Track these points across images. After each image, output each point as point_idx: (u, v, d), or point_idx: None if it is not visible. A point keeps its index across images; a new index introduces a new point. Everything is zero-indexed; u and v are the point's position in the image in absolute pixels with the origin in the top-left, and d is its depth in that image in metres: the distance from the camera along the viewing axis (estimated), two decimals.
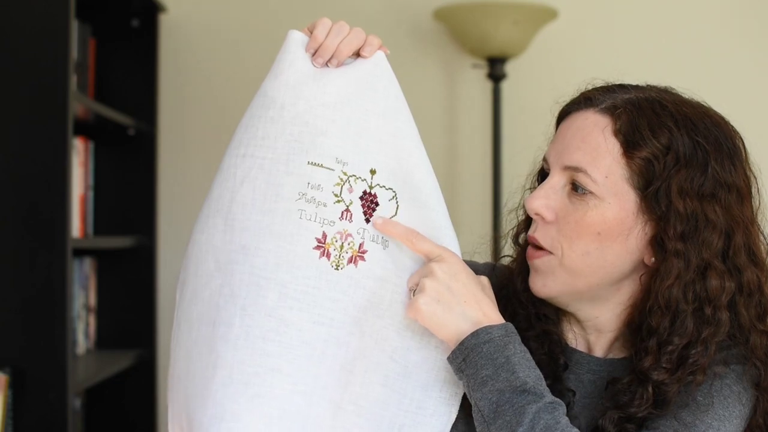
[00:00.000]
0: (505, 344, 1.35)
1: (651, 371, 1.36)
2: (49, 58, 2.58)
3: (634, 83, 1.45)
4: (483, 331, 1.35)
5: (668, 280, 1.37)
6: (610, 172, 1.38)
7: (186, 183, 3.58)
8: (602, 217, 1.38)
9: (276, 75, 1.43)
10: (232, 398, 1.36)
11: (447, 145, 3.56)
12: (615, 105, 1.40)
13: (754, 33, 3.52)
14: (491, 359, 1.34)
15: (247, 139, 1.42)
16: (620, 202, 1.38)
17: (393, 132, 1.43)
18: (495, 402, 1.32)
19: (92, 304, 3.32)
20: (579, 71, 3.39)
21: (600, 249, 1.39)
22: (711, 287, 1.37)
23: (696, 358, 1.36)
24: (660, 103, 1.40)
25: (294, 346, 1.38)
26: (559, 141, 1.42)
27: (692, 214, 1.37)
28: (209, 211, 1.43)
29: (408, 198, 1.42)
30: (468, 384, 1.35)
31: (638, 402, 1.37)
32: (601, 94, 1.42)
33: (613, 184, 1.38)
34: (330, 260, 1.39)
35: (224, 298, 1.39)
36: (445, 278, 1.37)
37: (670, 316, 1.37)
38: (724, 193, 1.38)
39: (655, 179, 1.37)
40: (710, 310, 1.37)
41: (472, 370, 1.34)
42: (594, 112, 1.40)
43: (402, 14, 3.56)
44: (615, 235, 1.38)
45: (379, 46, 1.43)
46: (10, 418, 2.53)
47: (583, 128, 1.40)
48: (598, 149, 1.38)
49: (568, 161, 1.40)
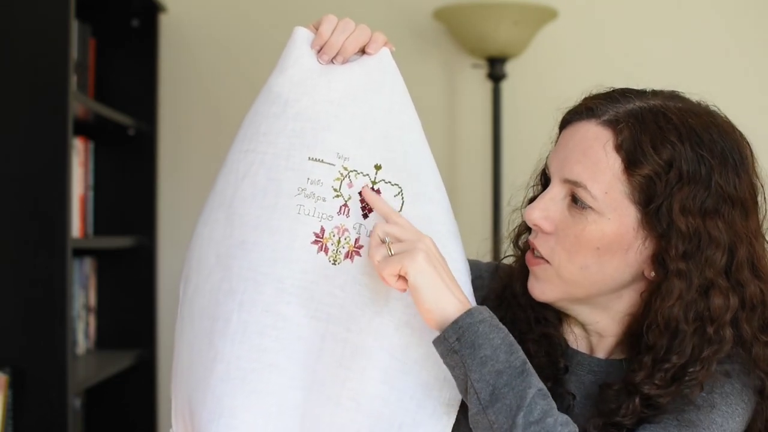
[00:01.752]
0: (496, 324, 1.34)
1: (642, 385, 1.35)
2: (49, 58, 2.57)
3: (638, 89, 1.42)
4: (476, 311, 1.33)
5: (669, 300, 1.34)
6: (610, 188, 1.35)
7: (186, 183, 3.58)
8: (601, 233, 1.36)
9: (281, 71, 1.43)
10: (231, 394, 1.36)
11: (447, 145, 3.56)
12: (617, 118, 1.36)
13: (754, 32, 3.52)
14: (488, 339, 1.32)
15: (250, 134, 1.42)
16: (620, 218, 1.36)
17: (399, 127, 1.43)
18: (493, 384, 1.31)
19: (92, 304, 3.31)
20: (579, 71, 3.45)
21: (599, 263, 1.37)
22: (713, 306, 1.35)
23: (694, 376, 1.34)
24: (664, 114, 1.36)
25: (291, 342, 1.38)
26: (560, 151, 1.40)
27: (695, 232, 1.34)
28: (213, 204, 1.43)
29: (414, 193, 1.42)
30: (463, 364, 1.32)
31: (623, 412, 1.35)
32: (603, 103, 1.39)
33: (612, 200, 1.35)
34: (328, 255, 1.39)
35: (223, 292, 1.39)
36: (432, 259, 1.35)
37: (669, 335, 1.35)
38: (727, 208, 1.35)
39: (657, 197, 1.34)
40: (712, 329, 1.35)
41: (469, 350, 1.32)
42: (596, 124, 1.37)
43: (402, 14, 3.55)
44: (614, 249, 1.37)
45: (385, 43, 1.44)
46: (10, 418, 2.53)
47: (584, 141, 1.37)
48: (598, 164, 1.35)
49: (568, 174, 1.37)
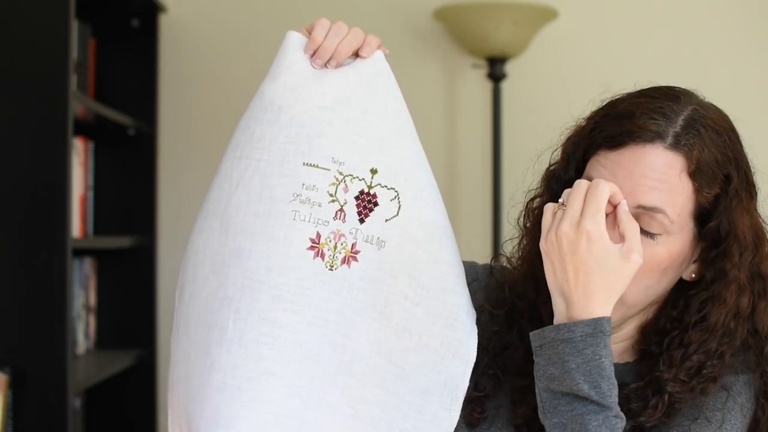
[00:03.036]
0: (586, 346, 1.31)
1: (669, 382, 1.36)
2: (49, 58, 2.57)
3: (666, 89, 1.41)
4: (565, 327, 1.32)
5: (723, 306, 1.37)
6: (682, 209, 1.37)
7: (186, 183, 3.57)
8: (669, 253, 1.37)
9: (274, 77, 1.42)
10: (227, 403, 1.35)
11: (447, 145, 3.56)
12: (681, 141, 1.36)
13: (754, 32, 3.51)
14: (562, 360, 1.31)
15: (243, 141, 1.41)
16: (683, 235, 1.37)
17: (394, 131, 1.42)
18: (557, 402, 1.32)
19: (92, 304, 3.31)
20: (579, 71, 3.45)
21: (659, 281, 1.38)
22: (742, 304, 1.38)
23: (711, 370, 1.36)
24: (714, 129, 1.38)
25: (288, 349, 1.36)
26: (626, 177, 1.36)
27: (746, 240, 1.37)
28: (207, 213, 1.42)
29: (410, 197, 1.41)
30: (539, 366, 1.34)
31: (650, 411, 1.36)
32: (658, 122, 1.36)
33: (682, 220, 1.37)
34: (324, 261, 1.38)
35: (219, 301, 1.38)
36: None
37: (708, 334, 1.37)
38: (754, 203, 1.40)
39: (720, 211, 1.37)
40: (734, 324, 1.38)
41: (545, 362, 1.33)
42: (664, 149, 1.35)
43: (402, 14, 3.55)
44: (677, 266, 1.38)
45: (378, 46, 1.42)
46: (10, 418, 2.53)
47: (656, 168, 1.35)
48: (674, 190, 1.36)
49: (645, 201, 1.35)
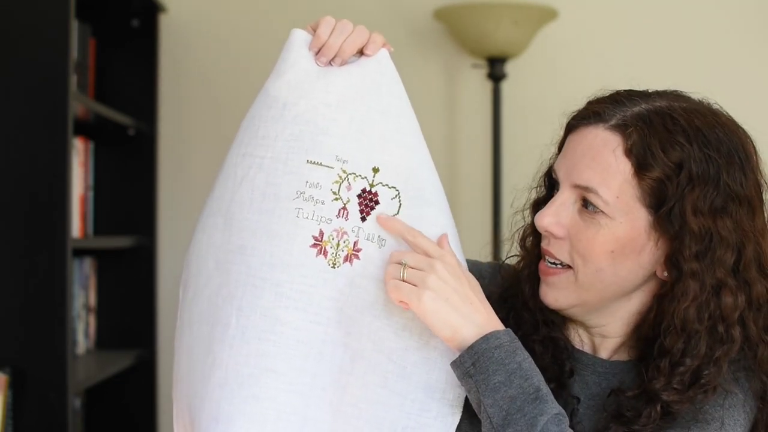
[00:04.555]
0: (514, 350, 1.34)
1: (661, 392, 1.35)
2: (49, 58, 2.57)
3: (642, 90, 1.42)
4: (492, 336, 1.34)
5: (684, 302, 1.35)
6: (621, 192, 1.36)
7: (186, 183, 3.58)
8: (613, 236, 1.36)
9: (279, 74, 1.42)
10: (228, 399, 1.35)
11: (447, 145, 3.56)
12: (625, 122, 1.36)
13: (755, 32, 3.52)
14: (503, 364, 1.32)
15: (248, 138, 1.42)
16: (631, 221, 1.36)
17: (397, 129, 1.42)
18: (506, 410, 1.31)
19: (92, 304, 3.31)
20: (579, 71, 3.45)
21: (613, 266, 1.38)
22: (724, 305, 1.36)
23: (708, 379, 1.35)
24: (671, 116, 1.36)
25: (290, 346, 1.37)
26: (568, 157, 1.40)
27: (706, 232, 1.35)
28: (210, 210, 1.42)
29: (411, 196, 1.41)
30: (477, 389, 1.33)
31: (644, 420, 1.35)
32: (609, 107, 1.39)
33: (623, 204, 1.36)
34: (327, 258, 1.38)
35: (222, 298, 1.39)
36: (450, 279, 1.35)
37: (684, 337, 1.36)
38: (735, 206, 1.36)
39: (668, 199, 1.35)
40: (723, 328, 1.36)
41: (483, 376, 1.32)
42: (604, 129, 1.37)
43: (402, 14, 3.55)
44: (627, 252, 1.37)
45: (383, 44, 1.43)
46: (10, 418, 2.53)
47: (593, 146, 1.37)
48: (608, 169, 1.36)
49: (578, 180, 1.37)
